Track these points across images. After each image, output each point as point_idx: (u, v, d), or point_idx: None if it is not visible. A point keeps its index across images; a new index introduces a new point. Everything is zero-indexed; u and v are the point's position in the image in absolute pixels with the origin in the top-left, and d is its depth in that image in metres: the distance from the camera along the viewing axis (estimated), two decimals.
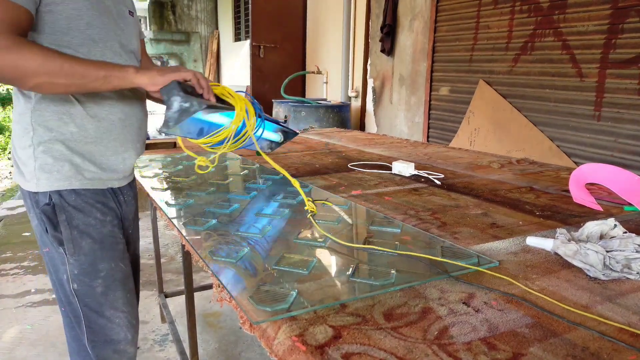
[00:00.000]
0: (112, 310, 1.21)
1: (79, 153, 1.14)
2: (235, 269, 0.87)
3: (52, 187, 1.13)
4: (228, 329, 2.43)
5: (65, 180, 1.13)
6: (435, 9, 3.89)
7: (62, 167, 1.13)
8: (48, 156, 1.11)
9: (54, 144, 1.11)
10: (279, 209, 1.25)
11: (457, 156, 2.11)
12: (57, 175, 1.12)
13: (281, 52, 5.98)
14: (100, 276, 1.18)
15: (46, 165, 1.11)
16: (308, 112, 4.55)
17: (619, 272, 0.84)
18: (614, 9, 2.59)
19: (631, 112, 2.55)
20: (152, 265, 3.20)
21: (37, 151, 1.11)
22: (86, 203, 1.16)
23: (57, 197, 1.13)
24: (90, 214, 1.17)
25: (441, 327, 0.68)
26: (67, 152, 1.13)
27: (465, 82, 3.68)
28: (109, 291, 1.20)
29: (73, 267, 1.15)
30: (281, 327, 0.67)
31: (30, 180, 1.12)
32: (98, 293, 1.18)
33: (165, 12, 10.08)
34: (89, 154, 1.16)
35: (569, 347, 0.63)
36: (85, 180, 1.16)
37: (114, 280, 1.21)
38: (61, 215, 1.13)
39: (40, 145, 1.11)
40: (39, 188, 1.12)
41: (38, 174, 1.11)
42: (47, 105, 1.10)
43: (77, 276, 1.16)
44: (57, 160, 1.12)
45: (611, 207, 1.30)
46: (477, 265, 0.89)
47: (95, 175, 1.18)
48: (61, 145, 1.12)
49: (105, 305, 1.20)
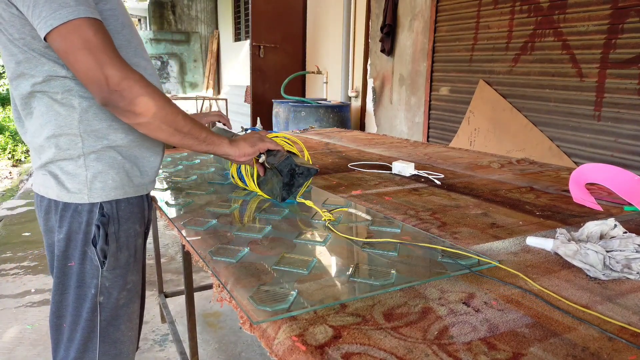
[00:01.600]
0: (127, 322, 1.18)
1: (128, 158, 1.11)
2: (235, 269, 0.87)
3: (109, 196, 1.08)
4: (228, 329, 2.43)
5: (120, 189, 1.10)
6: (435, 9, 3.89)
7: (116, 175, 1.09)
8: (101, 164, 1.07)
9: (106, 151, 1.07)
10: (280, 209, 1.25)
11: (457, 156, 2.11)
12: (111, 183, 1.08)
13: (281, 52, 5.99)
14: (127, 288, 1.15)
15: (100, 174, 1.07)
16: (308, 112, 4.55)
17: (619, 272, 0.84)
18: (614, 9, 2.59)
19: (631, 112, 2.55)
20: (152, 265, 3.20)
21: (88, 160, 1.06)
22: (132, 212, 1.13)
23: (109, 207, 1.09)
24: (133, 224, 1.14)
25: (441, 327, 0.68)
26: (119, 159, 1.09)
27: (465, 82, 3.68)
28: (130, 303, 1.17)
29: (105, 280, 1.11)
30: (281, 327, 0.67)
31: (80, 192, 1.06)
32: (120, 305, 1.15)
33: (165, 12, 10.08)
34: (135, 158, 1.13)
35: (569, 347, 0.63)
36: (134, 187, 1.13)
37: (136, 292, 1.19)
38: (111, 227, 1.09)
39: (92, 154, 1.06)
40: (92, 199, 1.07)
41: (90, 184, 1.06)
42: (95, 113, 1.05)
43: (107, 289, 1.12)
44: (111, 168, 1.08)
45: (611, 207, 1.30)
46: (477, 265, 0.89)
47: (141, 180, 1.15)
48: (113, 152, 1.08)
49: (123, 317, 1.16)
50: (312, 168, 1.28)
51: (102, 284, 1.11)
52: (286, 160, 1.23)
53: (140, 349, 2.25)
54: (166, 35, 9.89)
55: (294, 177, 1.26)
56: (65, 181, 1.06)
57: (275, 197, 1.31)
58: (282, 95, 5.27)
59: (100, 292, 1.11)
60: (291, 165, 1.24)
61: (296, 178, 1.26)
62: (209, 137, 1.10)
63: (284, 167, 1.23)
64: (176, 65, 10.00)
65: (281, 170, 1.23)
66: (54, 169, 1.06)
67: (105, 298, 1.12)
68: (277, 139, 1.34)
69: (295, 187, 1.28)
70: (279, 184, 1.27)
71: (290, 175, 1.25)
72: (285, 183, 1.25)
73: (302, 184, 1.28)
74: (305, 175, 1.27)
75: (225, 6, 9.35)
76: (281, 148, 1.27)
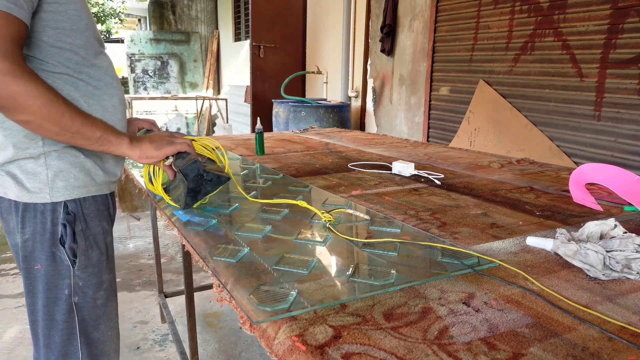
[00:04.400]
0: (107, 322, 1.17)
1: (90, 157, 1.09)
2: (235, 269, 0.87)
3: (72, 195, 1.07)
4: (228, 329, 2.43)
5: (83, 188, 1.08)
6: (435, 9, 3.89)
7: (78, 173, 1.07)
8: (63, 162, 1.05)
9: (67, 149, 1.05)
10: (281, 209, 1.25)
11: (457, 156, 2.11)
12: (74, 182, 1.07)
13: (281, 52, 5.98)
14: (104, 288, 1.15)
15: (61, 172, 1.05)
16: (308, 112, 4.55)
17: (619, 272, 0.84)
18: (614, 9, 2.59)
19: (631, 112, 2.55)
20: (152, 265, 3.20)
21: (49, 159, 1.04)
22: (98, 210, 1.12)
23: (73, 205, 1.07)
24: (100, 222, 1.13)
25: (441, 327, 0.68)
26: (81, 157, 1.07)
27: (465, 82, 3.68)
28: (108, 302, 1.17)
29: (78, 280, 1.10)
30: (281, 327, 0.67)
31: (40, 192, 1.04)
32: (98, 305, 1.14)
33: (165, 12, 10.08)
34: (97, 157, 1.11)
35: (569, 347, 0.63)
36: (97, 186, 1.12)
37: (112, 290, 1.18)
38: (78, 225, 1.08)
39: (53, 152, 1.04)
40: (55, 198, 1.05)
41: (52, 183, 1.04)
42: None
43: (81, 289, 1.10)
44: (73, 166, 1.06)
45: (611, 207, 1.30)
46: (477, 265, 0.89)
47: (104, 179, 1.13)
48: (74, 150, 1.06)
49: (103, 317, 1.15)
50: (223, 176, 1.18)
51: (76, 284, 1.09)
52: (193, 164, 1.13)
53: (140, 349, 2.25)
54: (166, 35, 9.88)
55: (201, 183, 1.16)
56: (25, 181, 1.04)
57: (177, 203, 1.21)
58: (282, 95, 5.27)
59: (75, 292, 1.09)
60: (198, 170, 1.14)
61: (204, 185, 1.16)
62: (105, 136, 1.03)
63: (190, 171, 1.14)
64: (176, 65, 10.00)
65: (186, 174, 1.14)
66: (13, 168, 1.04)
67: (80, 298, 1.10)
68: (195, 144, 1.24)
69: (202, 195, 1.18)
70: (184, 190, 1.17)
71: (197, 181, 1.15)
72: (190, 189, 1.15)
73: (210, 192, 1.18)
74: (214, 183, 1.17)
75: (225, 6, 9.35)
76: (193, 152, 1.18)
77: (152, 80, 9.94)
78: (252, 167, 1.84)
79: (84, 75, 1.06)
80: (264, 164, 1.88)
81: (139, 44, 9.81)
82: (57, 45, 1.01)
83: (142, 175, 1.65)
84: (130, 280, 3.01)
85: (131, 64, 9.82)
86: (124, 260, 3.31)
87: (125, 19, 16.57)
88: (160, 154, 1.13)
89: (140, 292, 2.85)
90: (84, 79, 1.06)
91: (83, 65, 1.05)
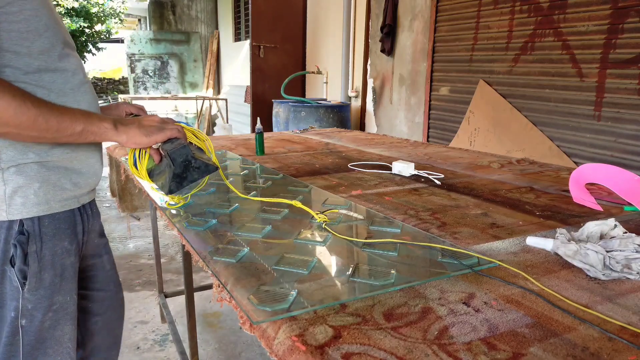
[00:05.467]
0: (56, 346, 1.06)
1: (54, 170, 1.01)
2: (235, 269, 0.87)
3: (30, 212, 0.98)
4: (228, 329, 2.43)
5: (43, 204, 0.99)
6: (435, 9, 3.89)
7: (38, 189, 0.98)
8: (23, 178, 0.97)
9: (28, 164, 0.97)
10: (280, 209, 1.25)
11: (457, 156, 2.11)
12: (33, 198, 0.98)
13: (281, 52, 5.98)
14: (53, 309, 1.04)
15: (20, 188, 0.97)
16: (308, 112, 4.55)
17: (619, 272, 0.84)
18: (614, 9, 2.59)
19: (631, 112, 2.55)
20: (152, 265, 3.20)
21: (7, 174, 0.96)
22: (58, 229, 1.03)
23: (30, 224, 0.98)
24: (59, 241, 1.04)
25: (441, 327, 0.68)
26: (42, 171, 0.99)
27: (465, 82, 3.68)
28: (58, 325, 1.06)
29: (27, 302, 1.00)
30: (281, 327, 0.67)
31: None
32: (45, 328, 1.04)
33: (165, 12, 10.09)
34: (64, 169, 1.02)
35: (569, 347, 0.63)
36: (62, 202, 1.03)
37: (65, 313, 1.07)
38: (32, 246, 0.99)
39: (12, 168, 0.96)
40: (11, 216, 0.97)
41: (9, 199, 0.96)
42: None
43: (29, 312, 1.01)
44: (33, 181, 0.98)
45: (611, 207, 1.30)
46: (477, 265, 0.89)
47: (71, 193, 1.04)
48: (36, 165, 0.98)
49: (50, 340, 1.05)
50: (211, 165, 1.14)
51: (24, 306, 1.00)
52: (182, 149, 1.09)
53: (140, 349, 2.25)
54: (166, 35, 9.89)
55: (188, 169, 1.11)
56: None
57: (162, 188, 1.16)
58: (282, 95, 5.27)
59: (22, 314, 1.01)
60: (187, 156, 1.09)
61: (190, 171, 1.11)
62: (87, 128, 0.96)
63: (178, 156, 1.09)
64: (176, 65, 10.01)
65: (174, 158, 1.09)
66: None
67: (27, 321, 1.02)
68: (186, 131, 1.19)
69: (188, 182, 1.12)
70: (169, 175, 1.12)
71: (184, 166, 1.10)
72: (176, 174, 1.10)
73: (197, 179, 1.13)
74: (201, 171, 1.12)
75: (225, 6, 9.35)
76: (184, 138, 1.12)
77: (152, 80, 9.94)
78: (252, 167, 1.84)
79: (46, 82, 0.97)
80: (264, 164, 1.88)
81: (139, 44, 9.81)
82: (12, 50, 0.91)
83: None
84: (130, 280, 3.01)
85: (131, 64, 9.83)
86: (124, 260, 3.31)
87: (125, 19, 16.57)
88: (149, 140, 1.06)
89: (140, 292, 2.85)
90: (45, 86, 0.97)
91: (45, 71, 0.96)
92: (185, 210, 1.25)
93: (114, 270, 1.32)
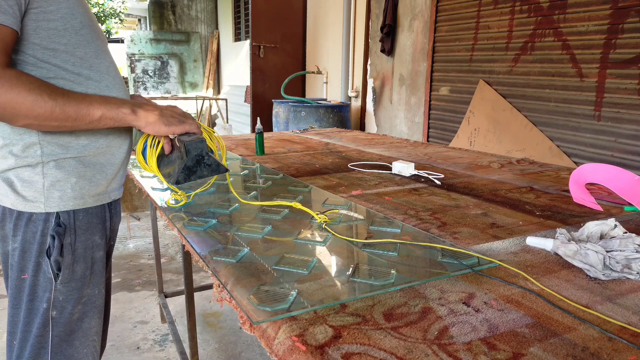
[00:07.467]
0: (82, 338, 1.10)
1: (90, 166, 1.06)
2: (235, 269, 0.87)
3: (67, 206, 1.03)
4: (228, 329, 2.43)
5: (79, 199, 1.04)
6: (435, 9, 3.89)
7: (76, 184, 1.03)
8: (61, 172, 1.02)
9: (66, 159, 1.02)
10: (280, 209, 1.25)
11: (457, 156, 2.11)
12: (70, 192, 1.03)
13: (281, 52, 5.98)
14: (82, 302, 1.08)
15: (58, 182, 1.02)
16: (308, 112, 4.55)
17: (619, 272, 0.84)
18: (614, 9, 2.59)
19: (631, 112, 2.55)
20: (152, 265, 3.20)
21: (47, 168, 1.01)
22: (90, 223, 1.08)
23: (66, 217, 1.03)
24: (91, 235, 1.08)
25: (441, 327, 0.68)
26: (79, 166, 1.04)
27: (465, 82, 3.68)
28: (85, 318, 1.10)
29: (59, 294, 1.04)
30: (281, 327, 0.67)
31: (36, 200, 1.01)
32: (74, 320, 1.08)
33: (165, 12, 10.08)
34: (100, 166, 1.07)
35: (569, 347, 0.63)
36: (95, 197, 1.08)
37: (93, 306, 1.11)
38: (67, 238, 1.04)
39: (51, 162, 1.01)
40: (49, 208, 1.02)
41: (48, 192, 1.01)
42: None
43: (60, 303, 1.05)
44: (70, 176, 1.03)
45: (611, 207, 1.30)
46: (477, 265, 0.89)
47: (103, 189, 1.09)
48: (73, 160, 1.03)
49: (78, 333, 1.09)
50: (223, 166, 1.14)
51: (56, 298, 1.04)
52: (199, 143, 1.09)
53: (140, 349, 2.25)
54: (166, 35, 9.89)
55: (200, 164, 1.11)
56: (21, 189, 1.01)
57: (169, 178, 1.16)
58: (282, 95, 5.27)
59: (54, 306, 1.04)
60: (202, 151, 1.09)
61: (201, 167, 1.11)
62: (106, 113, 0.99)
63: (194, 149, 1.08)
64: (176, 65, 10.00)
65: (189, 150, 1.08)
66: (11, 176, 1.02)
67: (58, 312, 1.05)
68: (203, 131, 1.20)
69: (196, 176, 1.12)
70: (180, 165, 1.11)
71: (197, 160, 1.10)
72: (187, 166, 1.09)
73: (205, 176, 1.13)
74: (212, 169, 1.12)
75: (225, 6, 9.35)
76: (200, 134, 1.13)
77: (152, 80, 9.94)
78: (252, 167, 1.84)
79: (83, 78, 1.01)
80: (264, 164, 1.88)
81: (139, 44, 9.81)
82: (51, 47, 0.96)
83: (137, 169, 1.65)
84: (130, 280, 3.01)
85: (131, 64, 9.83)
86: (124, 260, 3.31)
87: (125, 19, 16.57)
88: (167, 130, 1.08)
89: (140, 292, 2.85)
90: (82, 82, 1.01)
91: (81, 67, 1.01)
92: (185, 210, 1.25)
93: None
